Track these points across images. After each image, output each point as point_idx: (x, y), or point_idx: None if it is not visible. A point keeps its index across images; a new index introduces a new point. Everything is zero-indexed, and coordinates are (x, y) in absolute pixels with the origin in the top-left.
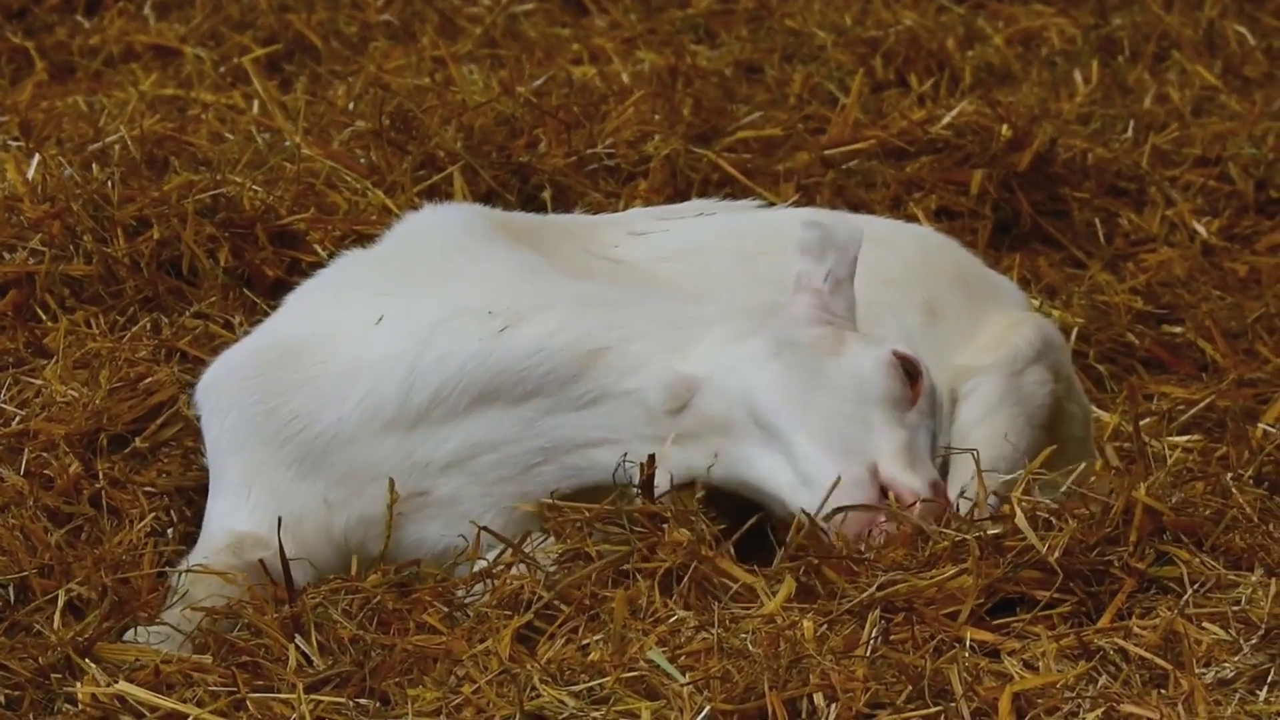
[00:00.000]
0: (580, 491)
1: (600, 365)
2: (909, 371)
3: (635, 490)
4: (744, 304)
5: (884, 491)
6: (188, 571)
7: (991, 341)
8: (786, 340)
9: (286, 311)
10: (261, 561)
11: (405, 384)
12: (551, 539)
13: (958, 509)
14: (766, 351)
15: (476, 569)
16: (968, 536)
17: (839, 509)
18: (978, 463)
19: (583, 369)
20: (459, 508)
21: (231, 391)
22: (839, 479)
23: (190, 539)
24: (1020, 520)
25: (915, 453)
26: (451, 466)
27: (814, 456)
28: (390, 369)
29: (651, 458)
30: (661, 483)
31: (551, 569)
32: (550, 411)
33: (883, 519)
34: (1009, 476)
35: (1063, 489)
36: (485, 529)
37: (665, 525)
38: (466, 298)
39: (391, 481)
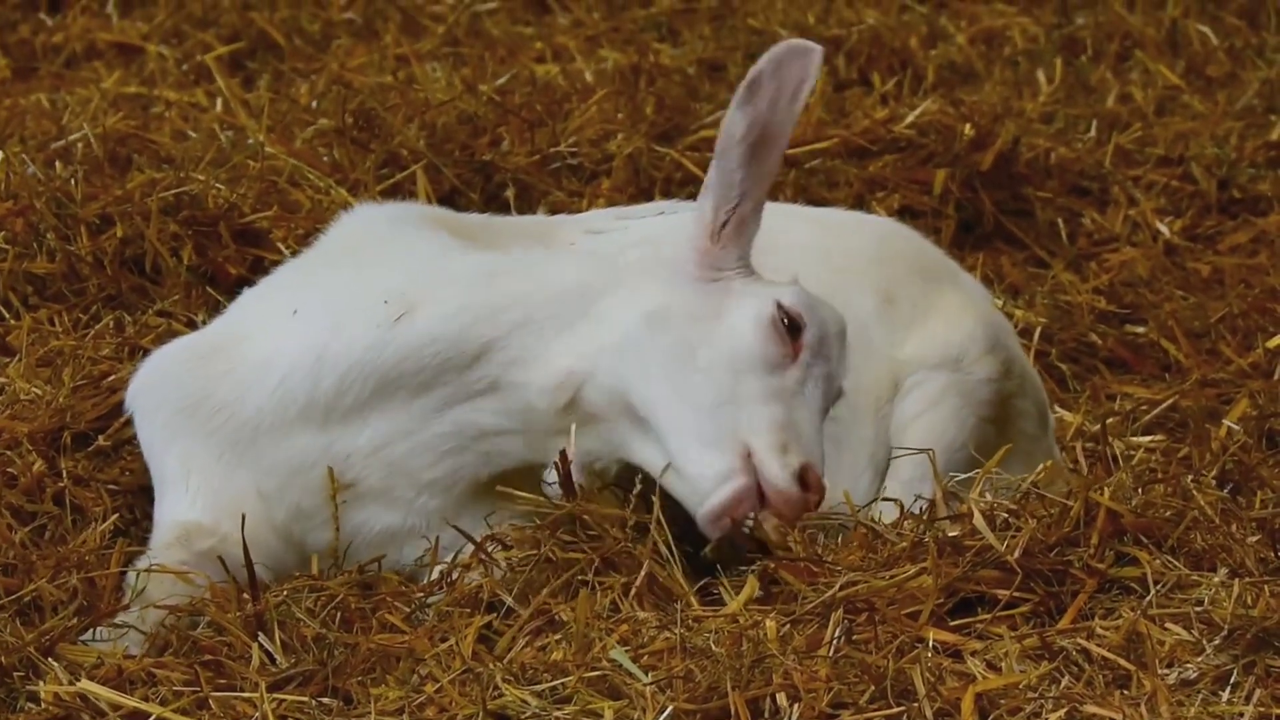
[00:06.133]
0: (500, 477)
1: (491, 355)
2: (792, 324)
3: (552, 483)
4: (636, 257)
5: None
6: (144, 571)
7: (941, 329)
8: (661, 315)
9: (220, 317)
10: (220, 558)
11: (313, 375)
12: (510, 536)
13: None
14: (639, 336)
15: (437, 572)
16: (925, 537)
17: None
18: (934, 463)
19: (475, 359)
20: (392, 495)
21: (160, 390)
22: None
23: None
24: (978, 520)
25: (791, 426)
26: (371, 457)
27: (683, 452)
28: (300, 360)
29: (564, 454)
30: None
31: (509, 571)
32: (451, 400)
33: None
34: (964, 477)
35: (1021, 489)
36: (455, 526)
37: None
38: (371, 286)
39: (331, 470)
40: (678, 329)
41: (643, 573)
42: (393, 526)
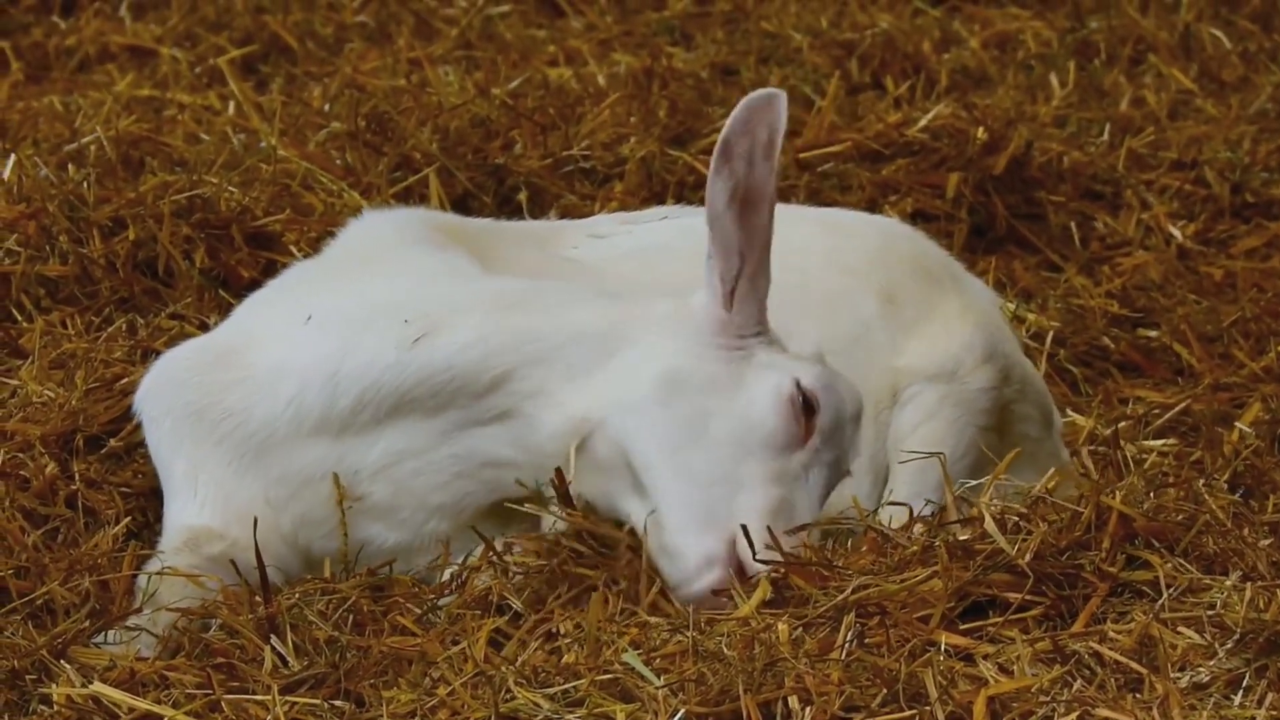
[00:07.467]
0: (503, 503)
1: (506, 386)
2: (808, 405)
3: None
4: (663, 311)
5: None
6: (154, 574)
7: (940, 337)
8: (678, 378)
9: (228, 321)
10: (233, 561)
11: (329, 390)
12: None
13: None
14: (653, 397)
15: (448, 574)
16: (936, 541)
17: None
18: (944, 465)
19: (490, 388)
20: (399, 516)
21: (168, 395)
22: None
23: None
24: (989, 524)
25: (785, 511)
26: (380, 474)
27: (672, 527)
28: (315, 374)
29: (559, 471)
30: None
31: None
32: (462, 424)
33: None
34: (975, 484)
35: (1032, 495)
36: (473, 528)
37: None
38: (387, 302)
39: (336, 476)
40: (693, 395)
41: (646, 580)
42: (402, 544)
